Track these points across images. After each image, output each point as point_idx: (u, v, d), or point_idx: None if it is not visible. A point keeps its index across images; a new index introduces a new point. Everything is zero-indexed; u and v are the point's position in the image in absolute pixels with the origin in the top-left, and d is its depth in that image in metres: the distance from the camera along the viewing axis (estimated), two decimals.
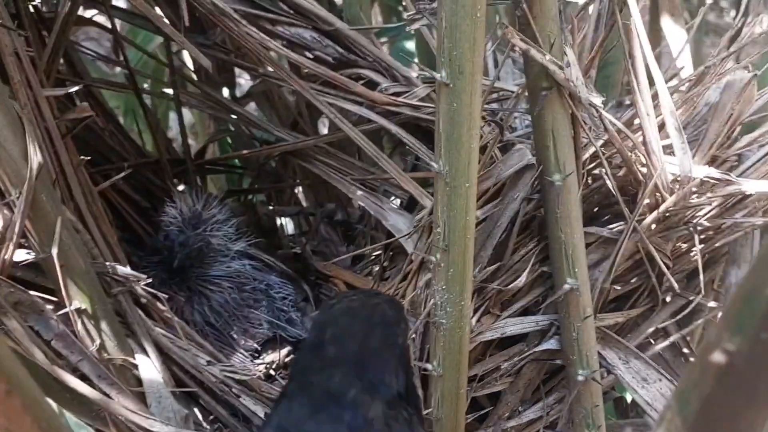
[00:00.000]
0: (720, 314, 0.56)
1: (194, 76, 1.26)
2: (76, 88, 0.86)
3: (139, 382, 0.83)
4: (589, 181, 0.87)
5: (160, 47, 1.54)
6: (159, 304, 0.87)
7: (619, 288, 0.87)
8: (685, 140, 0.77)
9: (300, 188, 1.33)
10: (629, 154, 0.80)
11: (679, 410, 0.35)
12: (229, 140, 1.41)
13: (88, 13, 1.18)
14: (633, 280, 0.89)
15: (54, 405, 0.84)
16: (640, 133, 0.79)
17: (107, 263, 0.83)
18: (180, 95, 1.13)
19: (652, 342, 0.93)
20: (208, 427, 0.87)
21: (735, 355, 0.31)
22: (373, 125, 1.00)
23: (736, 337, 0.31)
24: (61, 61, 0.98)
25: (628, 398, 1.06)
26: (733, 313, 0.31)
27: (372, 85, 1.01)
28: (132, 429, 0.79)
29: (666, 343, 0.92)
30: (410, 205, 1.05)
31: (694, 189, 0.78)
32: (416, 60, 1.37)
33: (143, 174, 1.19)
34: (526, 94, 0.80)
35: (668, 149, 0.80)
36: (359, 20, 1.11)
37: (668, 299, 0.92)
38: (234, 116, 1.14)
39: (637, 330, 0.91)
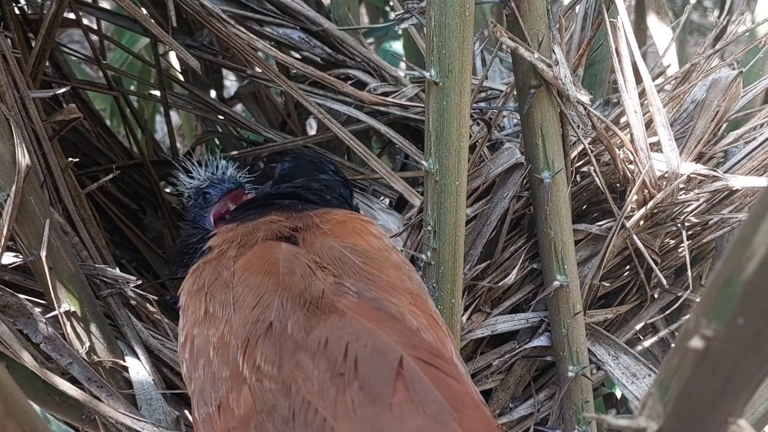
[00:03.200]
0: (697, 301, 0.56)
1: (181, 78, 1.26)
2: (63, 90, 0.85)
3: (129, 384, 0.82)
4: (578, 179, 0.88)
5: (145, 48, 1.54)
6: (148, 306, 0.87)
7: (608, 284, 0.88)
8: (672, 137, 0.78)
9: None
10: (617, 151, 0.80)
11: (660, 397, 0.35)
12: (217, 141, 1.40)
13: (73, 15, 1.17)
14: (622, 277, 0.89)
15: (38, 409, 0.83)
16: (627, 130, 0.79)
17: (96, 265, 0.83)
18: (167, 96, 1.12)
19: (641, 338, 0.93)
20: None
21: (713, 341, 0.32)
22: (361, 125, 1.01)
23: (713, 323, 0.31)
24: (47, 63, 0.98)
25: (618, 394, 1.07)
26: (711, 299, 0.31)
27: (360, 85, 1.01)
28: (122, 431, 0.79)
29: (655, 338, 0.93)
30: (400, 204, 1.05)
31: (681, 185, 0.79)
32: (404, 59, 1.37)
33: (131, 176, 1.18)
34: (515, 92, 0.80)
35: (655, 146, 0.81)
36: (347, 21, 1.11)
37: (657, 295, 0.93)
38: (222, 117, 1.14)
39: (627, 326, 0.92)
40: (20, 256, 0.76)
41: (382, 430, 0.48)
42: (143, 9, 1.06)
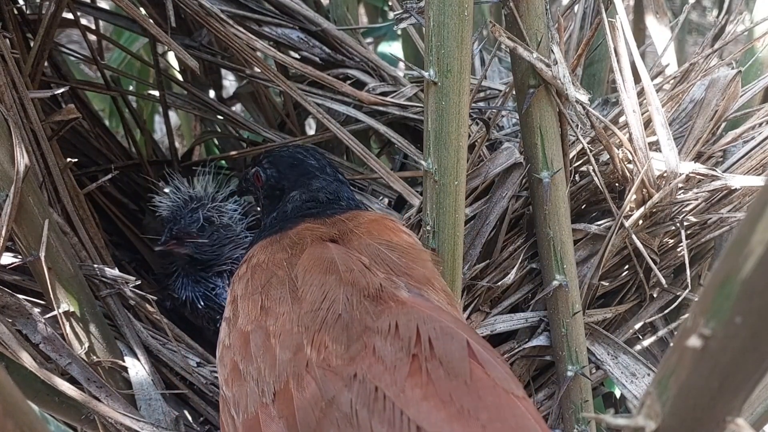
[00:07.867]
0: (695, 300, 0.57)
1: (180, 78, 1.26)
2: (62, 90, 0.85)
3: (128, 384, 0.82)
4: (577, 178, 0.88)
5: (144, 48, 1.53)
6: (148, 306, 0.87)
7: (607, 284, 0.88)
8: (671, 136, 0.78)
9: None
10: (616, 150, 0.80)
11: (658, 396, 0.35)
12: (216, 141, 1.40)
13: (72, 15, 1.17)
14: (621, 276, 0.89)
15: (37, 409, 0.83)
16: (626, 129, 0.79)
17: (95, 265, 0.83)
18: (166, 96, 1.12)
19: (640, 337, 0.93)
20: (198, 428, 0.87)
21: (711, 340, 0.32)
22: (360, 125, 1.01)
23: (711, 322, 0.31)
24: (46, 63, 0.98)
25: (617, 393, 1.07)
26: (709, 298, 0.31)
27: (359, 85, 1.01)
28: None
29: (654, 338, 0.93)
30: (399, 204, 1.05)
31: (680, 185, 0.79)
32: (402, 59, 1.37)
33: (130, 176, 1.18)
34: (514, 92, 0.80)
35: (654, 146, 0.81)
36: (346, 21, 1.11)
37: (655, 294, 0.93)
38: (221, 117, 1.14)
39: (626, 325, 0.92)
40: (19, 257, 0.76)
41: (461, 404, 0.49)
42: (142, 9, 1.06)
